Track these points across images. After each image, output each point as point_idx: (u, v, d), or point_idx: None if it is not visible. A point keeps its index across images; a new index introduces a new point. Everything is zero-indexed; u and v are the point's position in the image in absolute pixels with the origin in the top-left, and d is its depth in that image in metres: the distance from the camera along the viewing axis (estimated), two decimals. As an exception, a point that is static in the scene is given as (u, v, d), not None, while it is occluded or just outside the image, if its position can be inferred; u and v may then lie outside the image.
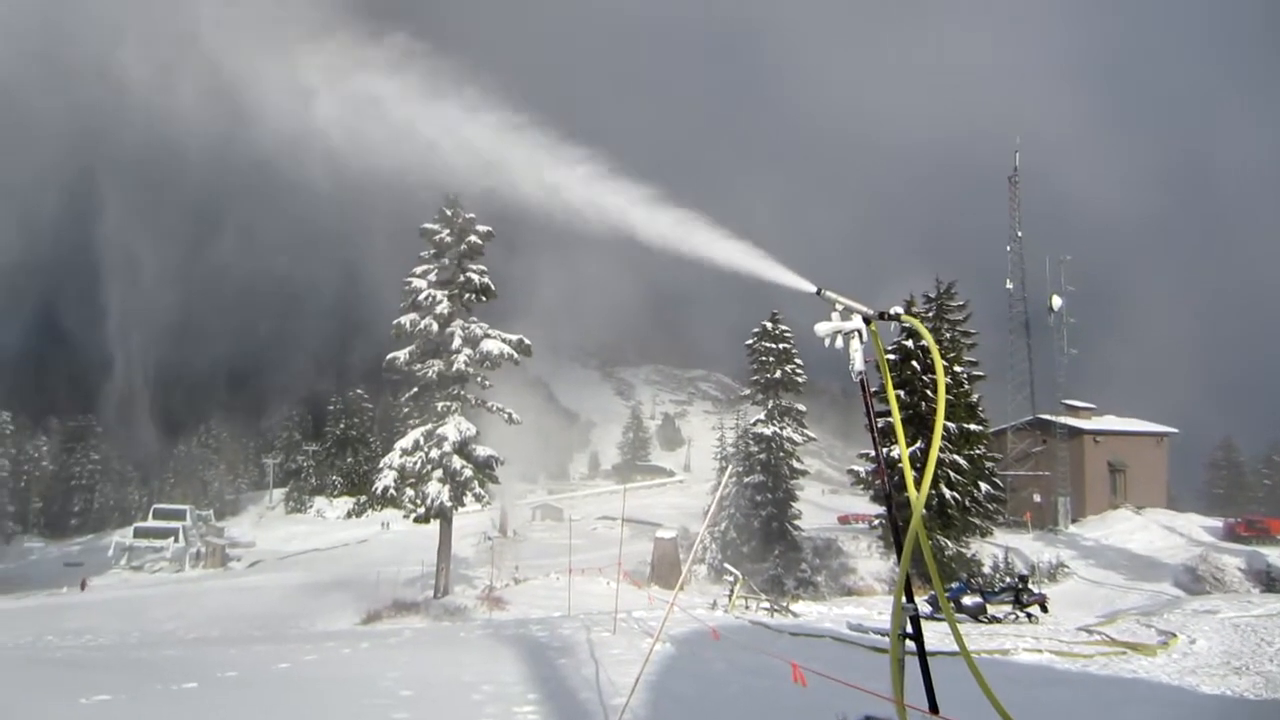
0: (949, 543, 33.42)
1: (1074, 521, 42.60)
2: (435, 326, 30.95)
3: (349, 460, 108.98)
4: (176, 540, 72.64)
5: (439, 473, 30.25)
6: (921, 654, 3.60)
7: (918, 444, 32.14)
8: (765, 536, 39.66)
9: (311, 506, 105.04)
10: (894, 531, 3.96)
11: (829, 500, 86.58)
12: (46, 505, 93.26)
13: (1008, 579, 27.43)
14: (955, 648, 3.53)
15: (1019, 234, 46.47)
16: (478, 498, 32.01)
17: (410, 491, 31.08)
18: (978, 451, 36.50)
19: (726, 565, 32.91)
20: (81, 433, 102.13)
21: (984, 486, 35.88)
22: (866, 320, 3.87)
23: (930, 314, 39.65)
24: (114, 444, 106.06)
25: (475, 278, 31.67)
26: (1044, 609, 22.23)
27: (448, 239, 31.78)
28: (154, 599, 40.79)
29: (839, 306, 3.89)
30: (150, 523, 76.10)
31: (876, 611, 23.72)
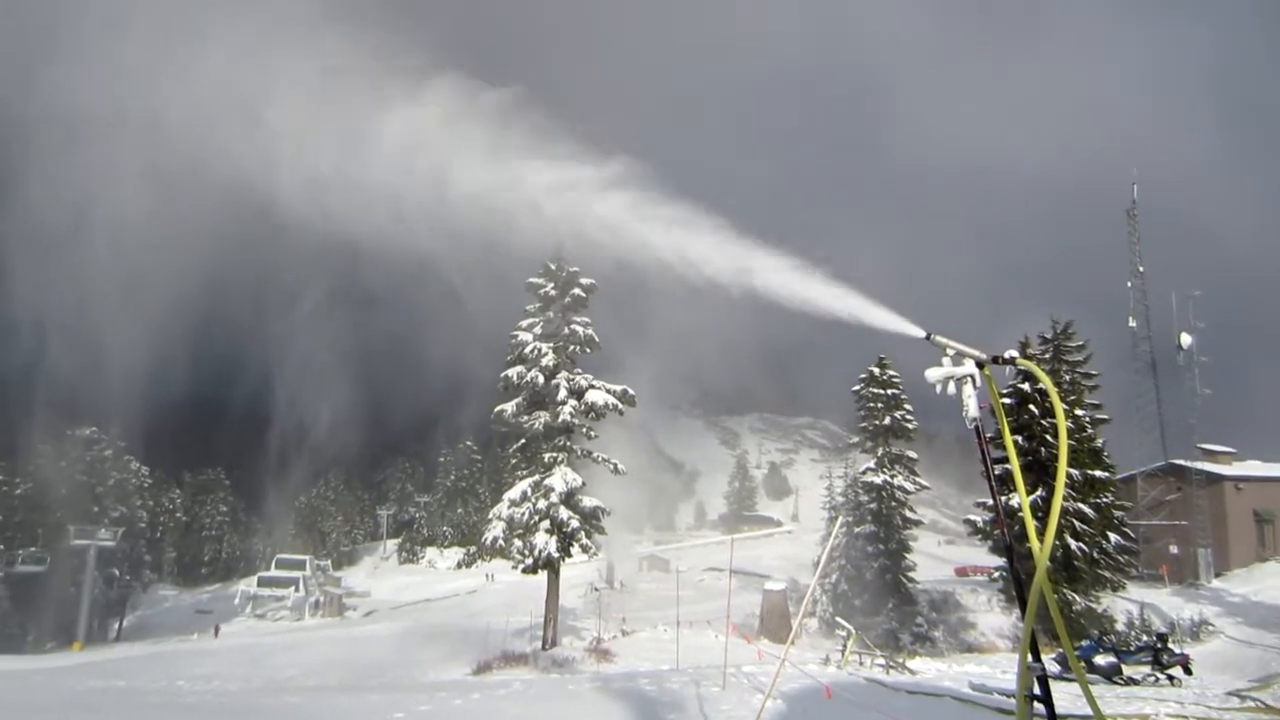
0: (1077, 597, 31.60)
1: (1217, 575, 39.75)
2: (541, 378, 31.48)
3: (459, 511, 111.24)
4: (297, 589, 75.29)
5: (546, 523, 30.50)
6: (1051, 718, 3.38)
7: (1039, 492, 30.69)
8: (878, 589, 38.40)
9: (423, 557, 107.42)
10: (1016, 585, 3.77)
11: (945, 551, 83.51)
12: (180, 555, 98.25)
13: (1145, 637, 25.72)
14: (1088, 711, 3.30)
15: (1140, 269, 44.46)
16: (585, 549, 32.08)
17: (518, 542, 31.41)
18: (1105, 500, 34.54)
19: (839, 619, 31.99)
20: (210, 485, 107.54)
21: (1113, 537, 33.87)
22: (979, 365, 3.74)
23: (1047, 356, 38.09)
24: (240, 496, 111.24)
25: (579, 329, 32.16)
26: (1187, 671, 20.65)
27: (552, 292, 32.44)
28: (276, 646, 42.16)
29: (950, 351, 3.77)
30: (273, 572, 79.20)
31: (1000, 670, 22.57)
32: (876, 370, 41.99)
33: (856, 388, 42.64)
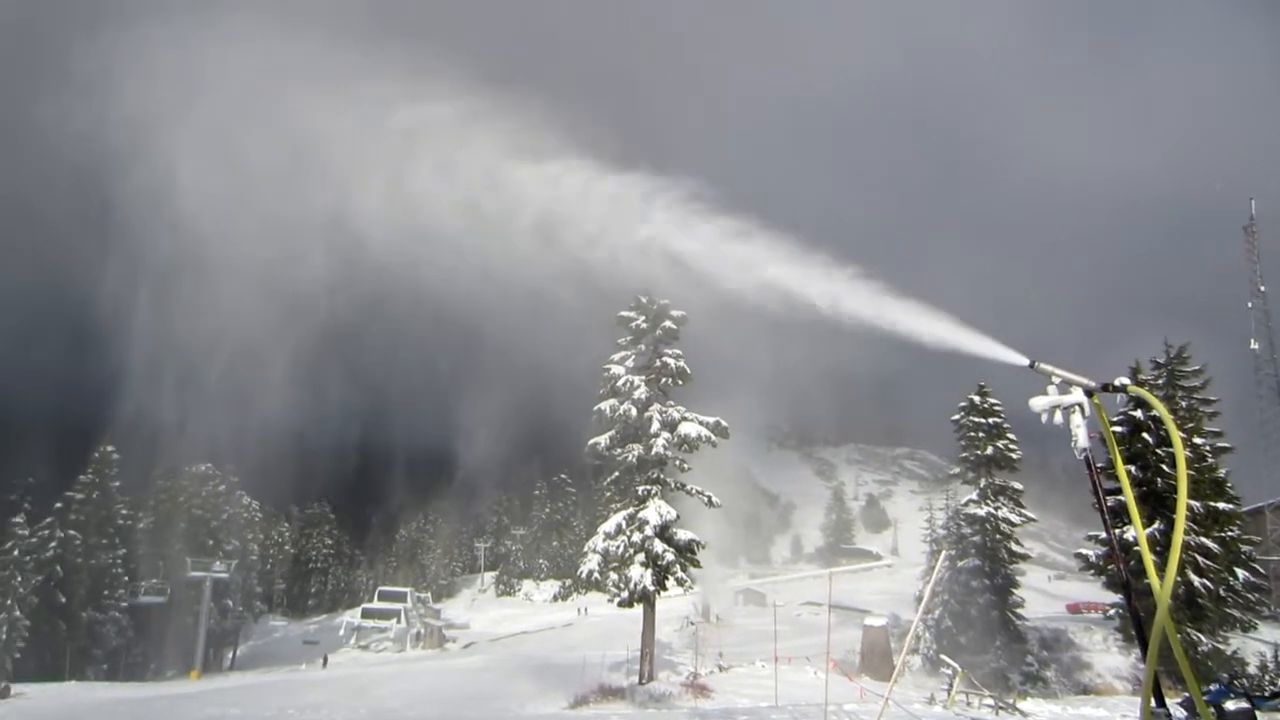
0: (1202, 637, 29.73)
1: (1360, 615, 36.96)
2: (634, 411, 31.61)
3: (554, 544, 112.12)
4: (399, 621, 76.86)
5: (641, 556, 30.46)
6: (1179, 766, 3.19)
7: (1155, 525, 29.16)
8: (984, 626, 36.95)
9: (520, 589, 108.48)
10: (1135, 624, 3.59)
11: (1055, 587, 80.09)
12: (288, 586, 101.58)
13: None
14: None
15: (1261, 288, 42.23)
16: (680, 582, 31.88)
17: (614, 575, 31.44)
18: (1230, 533, 32.54)
19: (943, 656, 30.91)
20: (316, 519, 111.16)
21: (1240, 573, 31.86)
22: (1088, 393, 3.60)
23: (1161, 381, 36.35)
24: (344, 529, 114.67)
25: (671, 362, 32.21)
26: (1329, 718, 19.17)
27: (643, 325, 32.65)
28: (380, 677, 43.07)
29: (1056, 379, 3.65)
30: (376, 604, 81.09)
31: (1119, 714, 21.41)
32: (977, 399, 40.73)
33: (956, 417, 41.41)
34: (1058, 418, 3.60)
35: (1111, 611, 37.29)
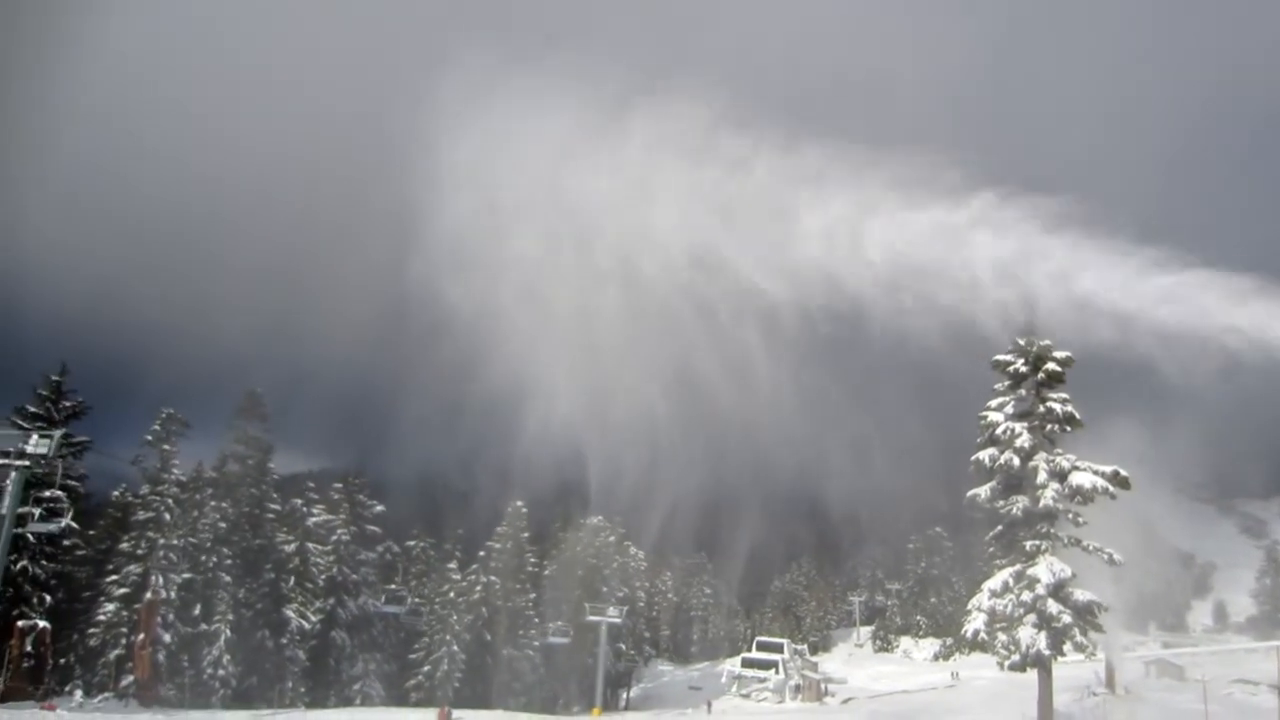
0: None
1: None
2: (1016, 461, 29.91)
3: (931, 600, 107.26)
4: (777, 672, 77.77)
5: (1032, 617, 28.57)
6: None
7: None
8: None
9: (898, 646, 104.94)
10: None
11: None
12: (673, 633, 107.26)
13: None
14: None
15: None
16: (1079, 647, 29.28)
17: (1001, 636, 29.77)
18: None
19: None
20: (696, 569, 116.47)
21: None
22: None
23: None
24: (721, 579, 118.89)
25: (1056, 407, 30.13)
26: None
27: (1022, 369, 30.97)
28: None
29: None
30: (754, 654, 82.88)
31: None
32: None
33: None
34: None
35: None
